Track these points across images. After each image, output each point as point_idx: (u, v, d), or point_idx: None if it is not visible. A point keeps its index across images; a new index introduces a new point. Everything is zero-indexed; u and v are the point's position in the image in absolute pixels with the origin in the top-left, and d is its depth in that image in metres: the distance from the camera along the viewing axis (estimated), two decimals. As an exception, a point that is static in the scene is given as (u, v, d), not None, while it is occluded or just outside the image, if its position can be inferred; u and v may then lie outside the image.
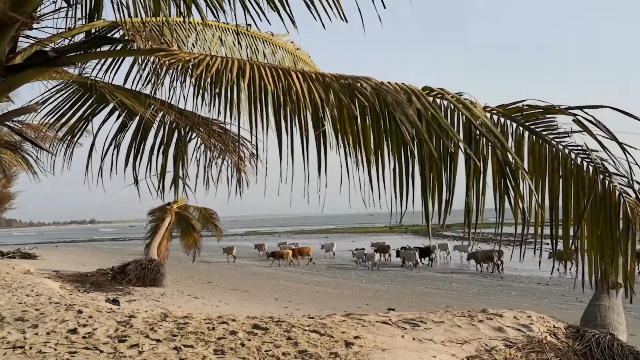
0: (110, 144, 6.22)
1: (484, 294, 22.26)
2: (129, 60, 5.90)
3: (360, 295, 21.20)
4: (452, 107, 4.32)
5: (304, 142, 4.28)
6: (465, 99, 4.21)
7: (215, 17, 4.35)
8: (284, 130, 4.25)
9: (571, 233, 4.70)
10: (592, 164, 4.41)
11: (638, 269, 5.40)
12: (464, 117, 4.24)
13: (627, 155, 4.08)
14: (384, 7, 3.94)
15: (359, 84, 4.06)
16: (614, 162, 4.28)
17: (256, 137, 4.30)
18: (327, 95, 4.07)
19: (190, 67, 4.45)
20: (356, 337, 6.57)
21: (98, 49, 4.88)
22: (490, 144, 4.19)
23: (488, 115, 4.35)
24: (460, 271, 30.46)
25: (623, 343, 7.31)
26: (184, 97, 4.51)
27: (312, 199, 4.16)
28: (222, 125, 6.15)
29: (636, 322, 14.91)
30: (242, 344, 6.26)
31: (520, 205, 4.29)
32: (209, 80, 4.24)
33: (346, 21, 4.17)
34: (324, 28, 4.23)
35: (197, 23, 5.88)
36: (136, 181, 5.97)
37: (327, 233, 77.54)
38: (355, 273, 30.06)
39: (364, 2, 3.92)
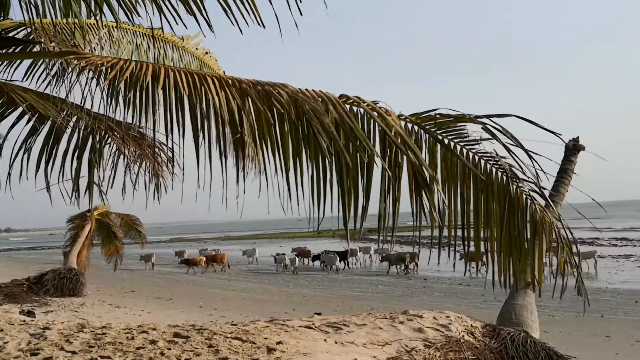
0: (20, 148, 5.95)
1: (408, 296, 22.76)
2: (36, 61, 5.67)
3: (288, 301, 21.21)
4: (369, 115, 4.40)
5: (222, 148, 4.25)
6: (380, 107, 4.30)
7: (129, 19, 4.25)
8: (200, 135, 4.20)
9: (482, 235, 4.89)
10: (501, 170, 4.61)
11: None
12: (379, 126, 4.32)
13: (534, 161, 4.30)
14: (301, 14, 3.98)
15: (276, 91, 4.08)
16: (521, 168, 4.49)
17: (172, 141, 4.24)
18: (243, 101, 4.06)
19: (103, 70, 4.33)
20: (279, 343, 6.55)
21: (4, 50, 4.67)
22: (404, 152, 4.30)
23: (402, 123, 4.46)
24: (386, 274, 30.99)
25: (536, 340, 7.61)
26: (90, 101, 4.38)
27: (245, 205, 4.15)
28: (139, 129, 6.01)
29: (549, 320, 15.63)
30: (162, 353, 6.12)
31: (434, 211, 4.43)
32: (122, 84, 4.14)
33: (264, 27, 4.17)
34: (242, 33, 4.23)
35: (105, 24, 5.72)
36: (48, 187, 5.74)
37: (255, 239, 76.89)
38: (282, 278, 30.02)
39: (281, 9, 3.95)
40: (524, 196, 4.73)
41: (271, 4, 3.90)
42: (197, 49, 7.24)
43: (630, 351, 13.10)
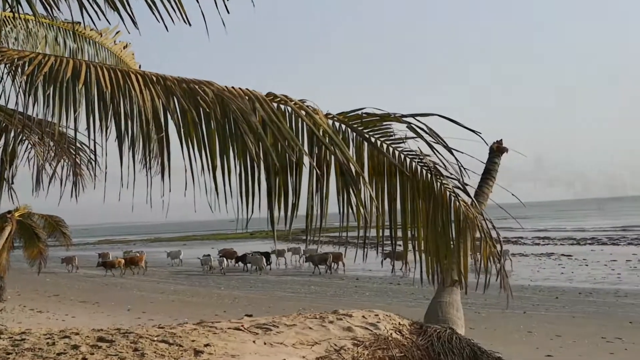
0: None
1: (340, 296, 22.98)
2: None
3: (218, 303, 21.02)
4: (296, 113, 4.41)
5: (147, 146, 4.15)
6: (308, 106, 4.31)
7: (48, 13, 4.08)
8: (124, 133, 4.08)
9: (409, 233, 4.98)
10: (425, 168, 4.72)
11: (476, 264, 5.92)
12: (307, 124, 4.34)
13: (457, 159, 4.43)
14: (228, 12, 3.95)
15: (201, 89, 4.01)
16: (444, 166, 4.62)
17: (94, 141, 4.10)
18: (168, 99, 3.97)
19: (20, 65, 4.13)
20: (206, 345, 6.45)
21: None
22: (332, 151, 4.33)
23: (330, 122, 4.49)
24: (318, 274, 31.14)
25: (461, 336, 7.81)
26: (6, 97, 4.18)
27: (176, 206, 4.06)
28: (59, 128, 5.77)
29: (475, 317, 16.15)
30: (85, 359, 5.91)
31: (362, 209, 4.48)
32: (40, 80, 3.96)
33: (189, 24, 4.11)
34: (167, 30, 4.15)
35: (20, 17, 5.47)
36: None
37: (185, 240, 75.68)
38: (213, 280, 29.70)
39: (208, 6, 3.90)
40: (448, 193, 4.87)
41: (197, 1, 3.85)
42: (115, 43, 7.05)
43: (549, 345, 13.70)
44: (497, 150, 7.91)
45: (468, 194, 5.02)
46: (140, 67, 7.24)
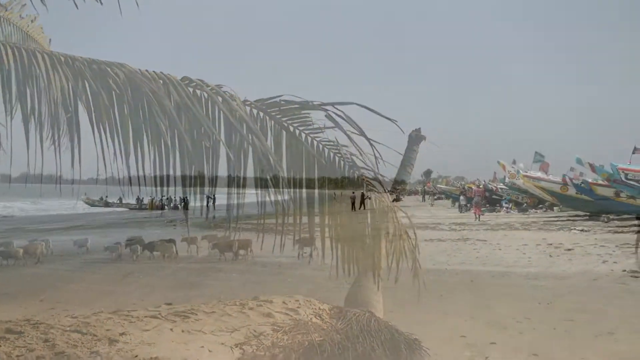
0: None
1: (263, 283, 22.87)
2: None
3: (137, 292, 20.46)
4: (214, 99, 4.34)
5: (56, 131, 3.99)
6: (225, 92, 4.26)
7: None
8: (30, 116, 3.90)
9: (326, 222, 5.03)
10: (343, 159, 4.76)
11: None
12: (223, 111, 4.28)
13: (374, 149, 4.49)
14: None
15: (113, 71, 3.89)
16: (362, 156, 4.68)
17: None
18: (76, 81, 3.82)
19: None
20: (122, 334, 6.31)
21: None
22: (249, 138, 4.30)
23: (248, 109, 4.45)
24: (241, 261, 30.89)
25: (379, 319, 7.99)
26: None
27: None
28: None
29: (394, 300, 16.48)
30: (-10, 352, 5.65)
31: (279, 197, 4.49)
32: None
33: (101, 3, 3.98)
34: (77, 8, 4.00)
35: None
36: None
37: (105, 228, 73.13)
38: (132, 268, 28.86)
39: None
40: (365, 184, 4.93)
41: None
42: (22, 17, 6.70)
43: (463, 327, 14.16)
44: (415, 138, 8.14)
45: (383, 185, 5.11)
46: (50, 41, 6.92)
